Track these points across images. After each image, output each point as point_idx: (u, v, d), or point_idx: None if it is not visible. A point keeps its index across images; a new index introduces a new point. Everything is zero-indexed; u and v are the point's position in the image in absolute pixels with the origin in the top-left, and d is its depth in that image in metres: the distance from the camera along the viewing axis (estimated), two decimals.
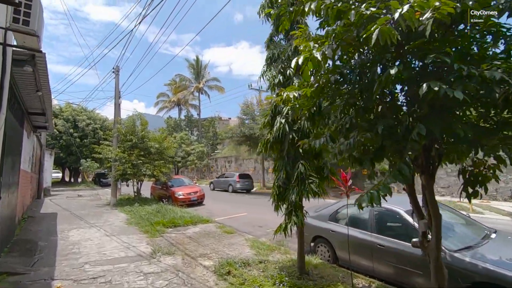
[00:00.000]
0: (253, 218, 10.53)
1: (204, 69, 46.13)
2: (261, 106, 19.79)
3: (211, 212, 12.01)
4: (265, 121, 4.85)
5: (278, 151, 4.80)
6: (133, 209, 11.12)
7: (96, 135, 25.84)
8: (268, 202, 13.84)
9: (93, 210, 11.94)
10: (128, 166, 12.22)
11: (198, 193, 14.10)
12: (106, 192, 20.55)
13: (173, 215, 9.55)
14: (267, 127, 4.90)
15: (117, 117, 13.54)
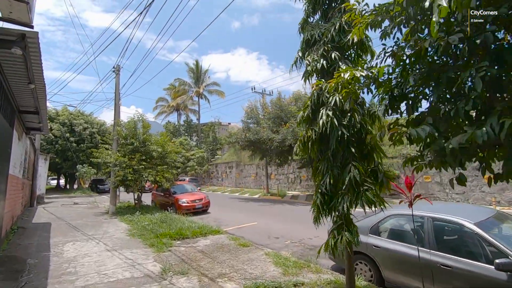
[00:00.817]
0: (266, 228, 9.64)
1: (204, 73, 45.49)
2: (266, 109, 19.03)
3: (219, 221, 11.11)
4: (304, 115, 4.03)
5: (318, 151, 3.98)
6: (134, 218, 10.20)
7: (93, 139, 24.88)
8: (278, 210, 12.81)
9: (91, 219, 10.98)
10: (129, 172, 11.32)
11: (203, 200, 13.19)
12: (103, 199, 19.54)
13: (180, 225, 8.64)
14: (305, 122, 4.08)
15: (117, 118, 12.68)
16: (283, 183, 27.92)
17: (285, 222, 10.64)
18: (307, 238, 8.16)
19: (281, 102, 18.70)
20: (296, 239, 8.05)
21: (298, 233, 8.82)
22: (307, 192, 24.69)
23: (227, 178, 36.08)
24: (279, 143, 17.42)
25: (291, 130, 16.86)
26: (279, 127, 18.31)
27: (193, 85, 44.93)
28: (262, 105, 20.36)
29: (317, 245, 7.40)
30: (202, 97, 44.48)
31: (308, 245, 7.46)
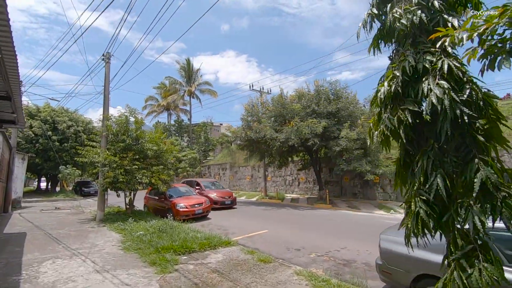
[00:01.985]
0: (280, 237, 8.43)
1: (195, 72, 43.96)
2: (268, 107, 17.84)
3: (223, 229, 9.82)
4: (388, 91, 2.82)
5: (412, 141, 2.82)
6: (127, 227, 8.78)
7: (78, 138, 23.05)
8: (284, 215, 11.53)
9: (75, 228, 9.46)
10: (120, 172, 9.88)
11: (203, 205, 11.84)
12: (89, 204, 17.83)
13: (183, 235, 7.30)
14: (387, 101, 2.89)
15: (107, 113, 11.19)
16: (280, 185, 26.82)
17: (298, 230, 9.46)
18: (334, 250, 7.00)
19: (283, 100, 17.57)
20: (321, 251, 6.88)
21: (319, 243, 7.65)
22: (306, 195, 23.66)
23: (220, 180, 34.64)
24: (281, 143, 16.28)
25: (295, 129, 15.74)
26: (281, 126, 17.18)
27: (184, 84, 43.31)
28: (262, 103, 19.17)
29: (351, 260, 6.27)
30: (193, 97, 42.91)
31: (339, 259, 6.30)
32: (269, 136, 15.90)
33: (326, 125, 15.85)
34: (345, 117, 17.00)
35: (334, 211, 14.52)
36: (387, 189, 18.69)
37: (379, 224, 10.25)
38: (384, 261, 4.39)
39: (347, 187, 21.40)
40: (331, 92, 17.51)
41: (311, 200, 19.92)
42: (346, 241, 7.84)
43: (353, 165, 15.63)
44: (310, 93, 17.58)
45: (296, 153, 20.28)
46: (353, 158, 15.97)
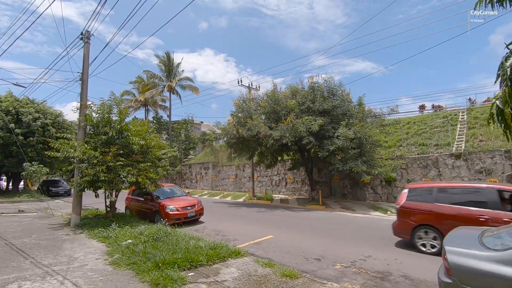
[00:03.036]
0: (290, 244, 7.49)
1: (176, 66, 41.99)
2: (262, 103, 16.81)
3: (222, 234, 8.71)
4: None
5: None
6: (111, 234, 7.42)
7: (46, 133, 20.67)
8: (283, 218, 10.62)
9: (45, 235, 7.91)
10: (102, 170, 8.43)
11: (196, 207, 10.61)
12: (58, 205, 15.86)
13: (183, 244, 6.13)
14: None
15: (85, 100, 9.64)
16: (266, 185, 25.97)
17: (307, 235, 8.58)
18: (359, 259, 6.16)
19: (277, 96, 16.67)
20: (345, 261, 6.02)
21: (337, 251, 6.80)
22: (293, 195, 22.98)
23: (202, 180, 33.17)
24: (275, 141, 15.37)
25: (290, 126, 14.91)
26: (275, 123, 16.29)
27: (164, 79, 41.20)
28: (253, 99, 18.16)
29: (385, 272, 5.42)
30: (173, 93, 40.94)
31: (371, 271, 5.45)
32: (263, 134, 14.92)
33: (322, 123, 15.17)
34: (339, 116, 16.46)
35: (329, 213, 13.86)
36: (378, 190, 18.44)
37: (384, 227, 9.66)
38: (455, 279, 3.57)
39: (336, 188, 20.96)
40: (326, 89, 16.90)
41: (301, 201, 19.23)
42: (364, 247, 7.06)
43: (349, 165, 15.07)
44: (305, 90, 16.84)
45: (287, 152, 19.50)
46: (349, 158, 15.43)
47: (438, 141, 18.29)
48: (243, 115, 16.93)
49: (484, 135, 17.15)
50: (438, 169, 16.19)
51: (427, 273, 5.21)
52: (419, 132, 20.14)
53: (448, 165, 15.87)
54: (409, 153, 18.23)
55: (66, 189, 23.59)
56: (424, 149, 18.10)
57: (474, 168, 15.09)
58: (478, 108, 20.26)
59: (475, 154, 15.13)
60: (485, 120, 18.20)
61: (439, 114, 22.13)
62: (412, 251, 6.67)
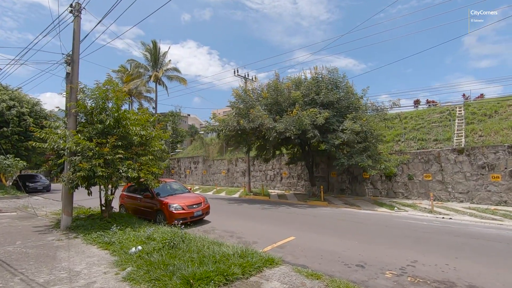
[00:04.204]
0: (319, 247, 6.72)
1: (163, 55, 40.03)
2: (263, 94, 15.85)
3: (238, 236, 7.82)
4: None
5: None
6: (114, 239, 6.33)
7: (22, 123, 18.75)
8: (294, 216, 9.86)
9: (32, 241, 6.68)
10: (99, 164, 7.25)
11: (202, 205, 9.61)
12: (39, 203, 14.30)
13: (208, 252, 5.20)
14: None
15: (76, 83, 8.31)
16: (260, 180, 25.21)
17: (329, 236, 7.86)
18: (406, 265, 5.48)
19: (280, 86, 15.77)
20: (393, 268, 5.31)
21: (376, 255, 6.10)
22: (289, 190, 22.35)
23: (191, 174, 31.90)
24: (278, 134, 14.54)
25: (296, 119, 14.11)
26: (277, 114, 15.44)
27: (150, 68, 39.17)
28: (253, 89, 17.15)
29: (446, 281, 4.71)
30: (160, 83, 39.04)
31: (430, 280, 4.76)
32: (268, 126, 14.01)
33: (328, 115, 14.49)
34: (344, 108, 15.86)
35: (335, 209, 13.30)
36: (378, 185, 18.12)
37: (401, 225, 9.20)
38: None
39: (334, 183, 20.49)
40: (329, 81, 16.21)
41: (300, 196, 18.62)
42: (400, 250, 6.42)
43: (355, 160, 14.52)
44: (308, 80, 16.07)
45: (286, 145, 18.75)
46: (354, 153, 14.89)
47: (437, 136, 18.14)
48: (244, 106, 15.92)
49: (484, 130, 17.10)
50: (440, 164, 15.97)
51: (493, 281, 4.60)
52: (417, 127, 19.95)
53: (450, 160, 15.67)
54: (408, 148, 17.99)
55: (44, 185, 21.69)
56: (424, 144, 17.90)
57: (476, 163, 14.94)
58: (475, 104, 20.33)
59: (478, 149, 14.96)
60: (483, 116, 18.26)
61: (436, 109, 22.10)
62: (454, 254, 6.09)
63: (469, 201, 14.80)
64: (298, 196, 18.77)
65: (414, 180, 16.71)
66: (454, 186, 15.41)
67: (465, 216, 11.09)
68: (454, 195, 15.34)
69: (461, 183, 15.21)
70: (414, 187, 16.64)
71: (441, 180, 15.79)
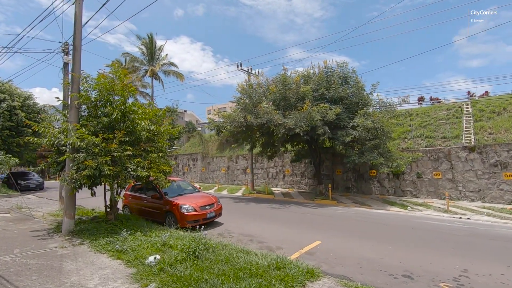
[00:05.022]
0: (351, 254, 6.14)
1: (159, 50, 38.89)
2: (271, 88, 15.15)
3: (258, 240, 7.18)
4: None
5: None
6: (126, 246, 5.61)
7: (13, 117, 17.70)
8: (307, 217, 9.04)
9: (32, 249, 5.91)
10: (106, 161, 6.50)
11: (215, 206, 8.93)
12: (32, 203, 13.40)
13: (240, 263, 4.55)
14: None
15: (78, 72, 7.49)
16: (262, 178, 24.61)
17: (358, 240, 7.29)
18: (459, 275, 4.92)
19: (289, 80, 15.10)
20: (444, 279, 4.75)
21: (419, 262, 5.54)
22: (292, 188, 21.80)
23: (190, 172, 31.09)
24: (286, 130, 13.91)
25: (306, 114, 13.49)
26: (285, 110, 14.79)
27: (146, 63, 38.00)
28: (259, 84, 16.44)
29: None
30: (156, 78, 37.95)
31: None
32: (278, 122, 13.35)
33: (339, 111, 13.91)
34: (353, 104, 15.32)
35: (348, 209, 12.79)
36: (385, 183, 17.67)
37: (427, 226, 8.76)
38: None
39: (339, 181, 20.00)
40: (338, 75, 15.62)
41: (305, 195, 18.09)
42: (448, 257, 5.88)
43: (367, 157, 13.99)
44: (318, 75, 15.44)
45: (292, 142, 18.15)
46: (366, 150, 14.38)
47: (444, 134, 17.78)
48: (250, 101, 15.21)
49: (493, 127, 16.77)
50: (450, 162, 15.57)
51: None
52: (423, 124, 19.57)
53: (461, 158, 15.27)
54: (416, 146, 17.60)
55: (37, 183, 20.65)
56: (431, 142, 17.53)
57: (489, 162, 14.57)
58: (483, 101, 20.03)
59: (490, 147, 14.58)
60: (492, 113, 17.96)
61: (442, 106, 21.75)
62: (504, 262, 5.58)
63: (480, 200, 14.45)
64: (303, 195, 18.24)
65: (423, 179, 16.29)
66: (465, 185, 15.03)
67: (483, 216, 10.69)
68: (465, 194, 14.97)
69: (473, 182, 14.83)
70: (423, 185, 16.22)
71: (452, 179, 15.40)
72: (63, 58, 10.80)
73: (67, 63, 10.82)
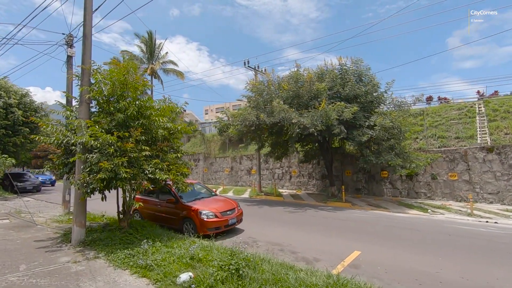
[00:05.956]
0: (401, 267, 5.49)
1: (158, 48, 38.01)
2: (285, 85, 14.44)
3: (290, 250, 6.49)
4: None
5: None
6: (148, 260, 4.88)
7: (10, 115, 16.76)
8: (329, 222, 8.12)
9: (41, 264, 5.13)
10: (122, 163, 5.76)
11: (236, 211, 8.21)
12: (31, 206, 12.52)
13: (291, 283, 3.87)
14: None
15: (88, 63, 6.69)
16: (267, 179, 23.95)
17: (400, 249, 6.65)
18: None
19: (304, 78, 14.43)
20: None
21: (483, 277, 4.92)
22: (300, 190, 21.14)
23: (191, 173, 30.25)
24: (301, 130, 13.26)
25: (323, 113, 12.84)
26: (298, 108, 14.13)
27: (145, 61, 37.07)
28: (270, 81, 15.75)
29: None
30: (155, 77, 37.06)
31: None
32: (293, 120, 12.67)
33: (356, 110, 13.30)
34: (368, 103, 14.72)
35: (366, 212, 12.20)
36: (397, 185, 17.10)
37: (464, 233, 8.15)
38: None
39: (349, 182, 19.40)
40: (354, 72, 15.02)
41: (315, 196, 17.46)
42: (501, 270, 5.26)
43: (385, 158, 13.40)
44: (333, 72, 14.81)
45: (302, 142, 17.51)
46: (383, 150, 13.79)
47: (458, 134, 17.27)
48: (262, 99, 14.51)
49: (509, 127, 16.30)
50: (467, 163, 15.04)
51: None
52: (435, 124, 19.05)
53: (478, 159, 14.76)
54: (428, 146, 17.08)
55: (34, 184, 19.67)
56: (444, 142, 17.01)
57: (508, 163, 14.07)
58: (496, 100, 19.61)
59: (510, 147, 14.09)
60: (506, 113, 17.52)
61: (453, 106, 21.29)
62: None
63: (499, 202, 13.95)
64: (313, 196, 17.62)
65: (438, 180, 15.74)
66: (482, 186, 14.51)
67: (510, 220, 10.17)
68: (483, 196, 14.45)
69: (491, 183, 14.32)
70: (438, 187, 15.68)
71: (468, 180, 14.87)
72: (67, 51, 10.01)
73: (71, 56, 10.03)
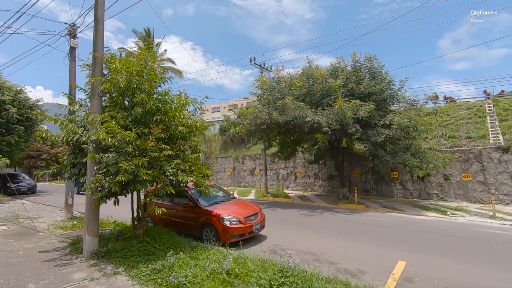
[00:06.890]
0: (460, 281, 4.91)
1: (157, 46, 37.12)
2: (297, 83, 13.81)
3: (328, 261, 5.85)
4: None
5: None
6: (180, 275, 4.19)
7: (3, 113, 15.78)
8: (353, 226, 6.94)
9: (49, 283, 4.35)
10: (142, 164, 5.05)
11: (259, 216, 7.54)
12: (28, 209, 11.62)
13: None
14: None
15: (100, 51, 5.93)
16: (271, 180, 23.32)
17: (447, 257, 6.06)
18: None
19: (318, 75, 13.81)
20: None
21: None
22: (306, 191, 20.55)
23: (214, 174, 29.44)
24: (315, 128, 12.67)
25: (339, 111, 12.26)
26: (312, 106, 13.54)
27: None
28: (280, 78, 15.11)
29: None
30: None
31: None
32: (307, 119, 12.05)
33: (372, 108, 12.76)
34: (382, 101, 14.21)
35: (383, 214, 11.68)
36: (408, 186, 16.63)
37: (498, 238, 7.54)
38: None
39: (357, 183, 18.88)
40: (368, 69, 14.51)
41: (323, 198, 16.89)
42: None
43: (402, 158, 12.89)
44: (347, 69, 14.26)
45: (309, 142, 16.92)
46: (399, 150, 13.28)
47: (469, 133, 16.90)
48: (273, 97, 13.87)
49: None
50: (481, 164, 14.62)
51: None
52: (444, 124, 18.67)
53: (493, 159, 14.35)
54: (439, 146, 16.66)
55: (29, 186, 18.67)
56: (455, 142, 16.61)
57: None
58: (506, 100, 19.32)
59: None
60: None
61: (462, 105, 20.97)
62: None
63: None
64: (321, 198, 17.04)
65: (451, 181, 15.30)
66: (498, 187, 14.11)
67: None
68: (498, 197, 14.04)
69: (507, 184, 13.93)
70: (451, 188, 15.24)
71: (483, 181, 14.45)
72: (70, 42, 9.22)
73: (74, 47, 9.25)
